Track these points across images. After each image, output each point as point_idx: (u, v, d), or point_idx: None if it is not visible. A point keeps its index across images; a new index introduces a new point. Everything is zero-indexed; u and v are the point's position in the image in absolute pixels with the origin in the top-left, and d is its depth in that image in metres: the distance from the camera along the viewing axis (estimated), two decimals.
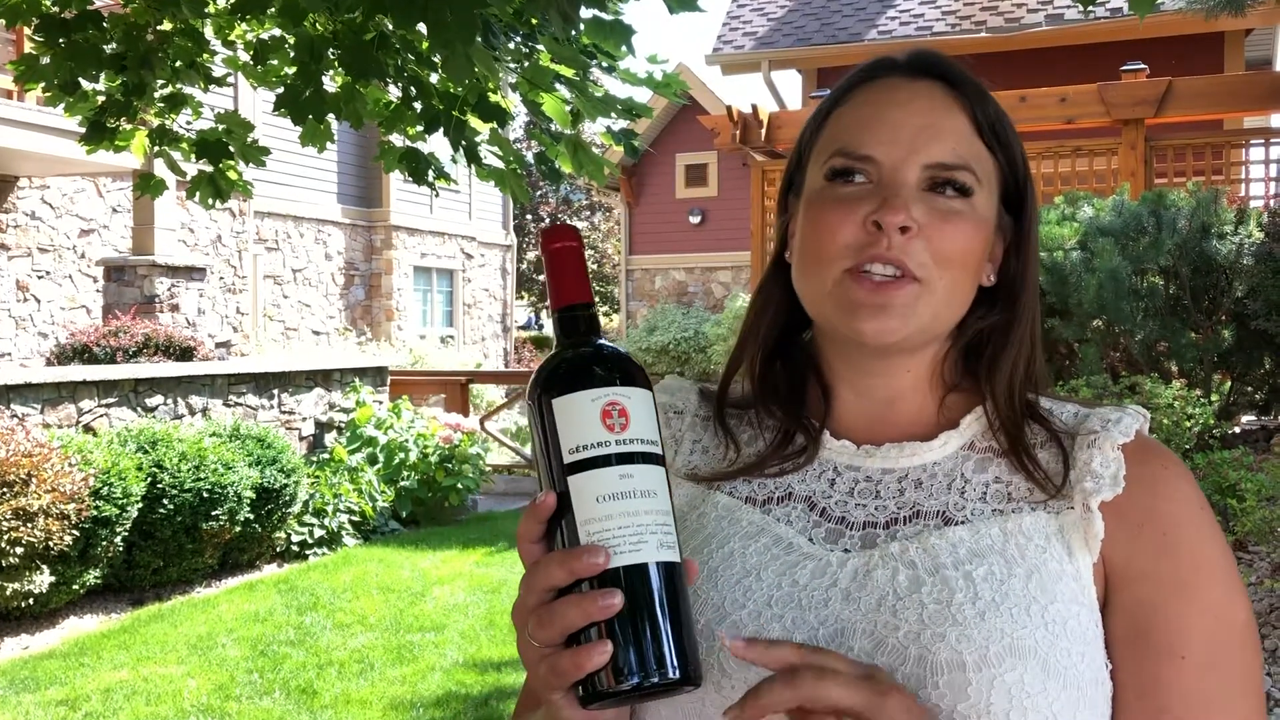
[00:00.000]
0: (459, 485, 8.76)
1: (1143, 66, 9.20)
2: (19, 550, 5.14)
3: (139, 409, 7.10)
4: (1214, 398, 6.23)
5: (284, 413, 8.40)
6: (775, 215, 1.02)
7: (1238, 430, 6.79)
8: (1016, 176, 0.94)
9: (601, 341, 0.82)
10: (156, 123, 4.07)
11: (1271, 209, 6.69)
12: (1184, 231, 6.31)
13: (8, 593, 5.28)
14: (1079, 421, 0.93)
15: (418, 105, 3.49)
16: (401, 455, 8.60)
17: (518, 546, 0.79)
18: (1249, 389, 6.74)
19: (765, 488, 0.95)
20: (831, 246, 0.89)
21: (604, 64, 3.53)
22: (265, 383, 8.22)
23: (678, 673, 0.75)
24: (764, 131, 11.03)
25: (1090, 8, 2.11)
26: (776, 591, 0.87)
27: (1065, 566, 0.86)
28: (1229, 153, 9.18)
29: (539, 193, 31.67)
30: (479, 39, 2.71)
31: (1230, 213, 6.47)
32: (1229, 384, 6.63)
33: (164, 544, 6.14)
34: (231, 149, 3.99)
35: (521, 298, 33.26)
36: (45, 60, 3.60)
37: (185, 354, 9.30)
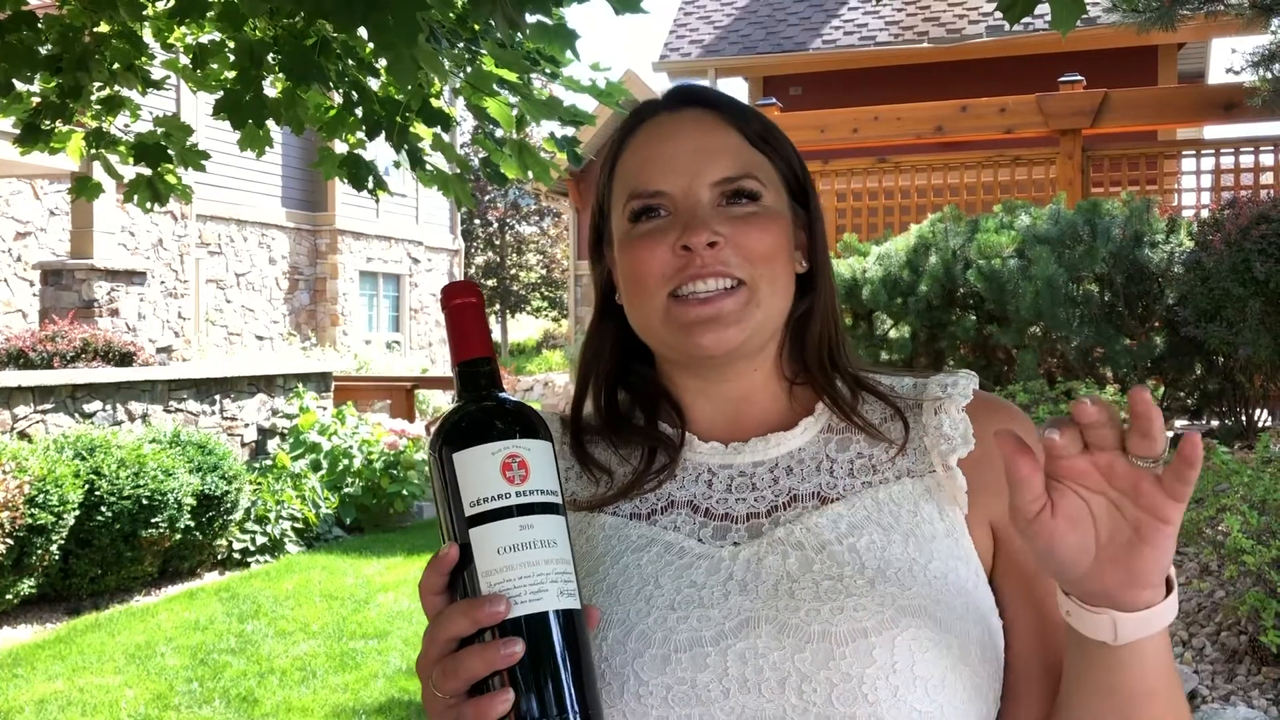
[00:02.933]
0: (404, 492, 8.71)
1: (1080, 78, 9.38)
2: None
3: (77, 415, 6.98)
4: None
5: (226, 419, 8.31)
6: (590, 268, 1.08)
7: (1171, 435, 6.95)
8: (795, 172, 1.01)
9: (503, 395, 0.85)
10: (93, 125, 4.02)
11: (1201, 219, 6.87)
12: (1118, 240, 6.45)
13: None
14: (919, 391, 1.01)
15: (359, 111, 3.48)
16: (345, 461, 8.53)
17: (420, 599, 0.82)
18: (1181, 394, 6.90)
19: (647, 501, 0.99)
20: (650, 278, 0.95)
21: (548, 70, 3.54)
22: (207, 388, 8.12)
23: (578, 716, 0.78)
24: None
25: (1016, 23, 2.16)
26: (677, 595, 0.90)
27: (938, 526, 0.93)
28: (1162, 163, 9.38)
29: (487, 197, 31.55)
30: (423, 41, 2.71)
31: (1162, 222, 6.62)
32: (1162, 389, 6.79)
33: (102, 552, 6.04)
34: (170, 152, 3.95)
35: None
36: None
37: (125, 359, 9.16)
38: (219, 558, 7.09)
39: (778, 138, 1.00)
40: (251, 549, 7.27)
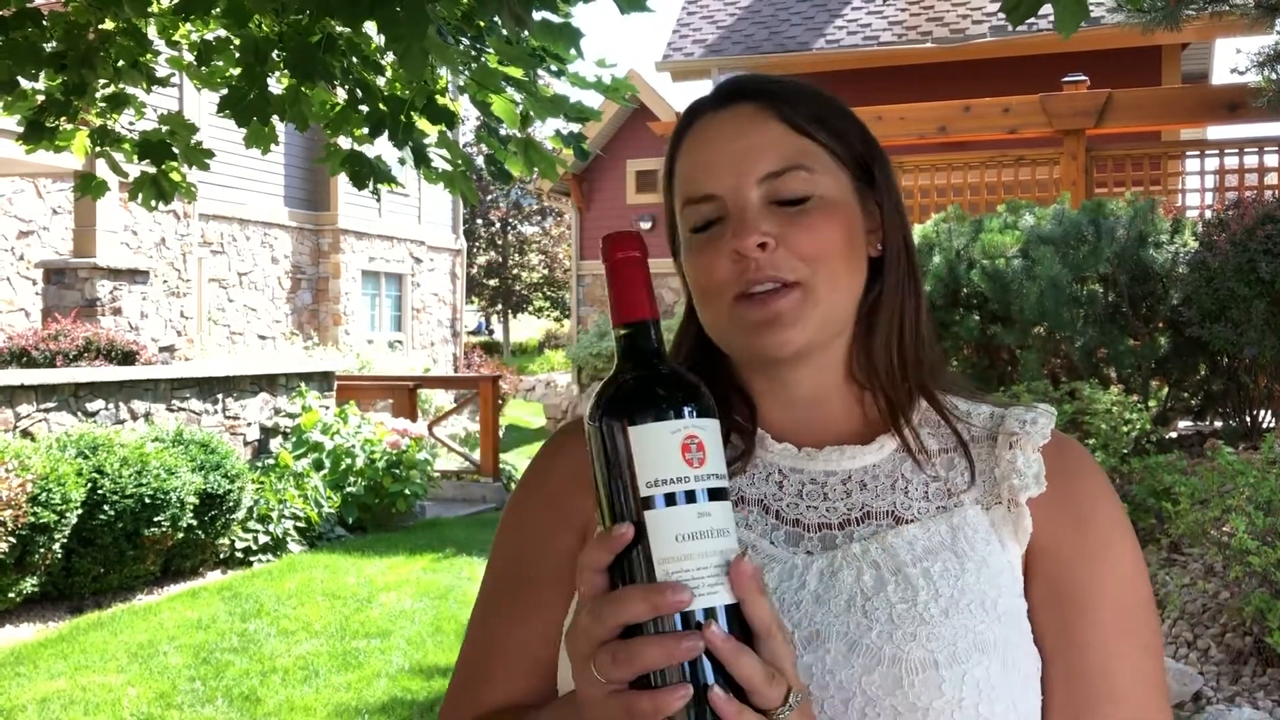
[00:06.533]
0: (406, 491, 8.70)
1: (1083, 78, 9.37)
2: None
3: (79, 414, 6.97)
4: (1151, 403, 6.36)
5: (228, 418, 8.30)
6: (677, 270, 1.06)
7: (1174, 435, 6.93)
8: (855, 150, 0.97)
9: (672, 366, 0.79)
10: (98, 123, 4.01)
11: (1206, 219, 6.85)
12: (1122, 240, 6.44)
13: None
14: (995, 423, 0.98)
15: (364, 108, 3.47)
16: (348, 461, 8.53)
17: (579, 575, 0.76)
18: (1185, 394, 6.88)
19: None
20: (712, 286, 0.94)
21: (553, 68, 3.53)
22: (209, 387, 8.12)
23: None
24: None
25: (1019, 25, 2.15)
26: None
27: (1002, 559, 0.91)
28: (1166, 164, 9.37)
29: (489, 197, 31.56)
30: (433, 33, 2.70)
31: (1166, 222, 6.61)
32: (1165, 390, 6.77)
33: (104, 551, 6.04)
34: (175, 150, 3.94)
35: (471, 302, 33.07)
36: None
37: (127, 358, 9.15)
38: (221, 557, 7.09)
39: (832, 115, 0.96)
40: (254, 548, 7.27)
